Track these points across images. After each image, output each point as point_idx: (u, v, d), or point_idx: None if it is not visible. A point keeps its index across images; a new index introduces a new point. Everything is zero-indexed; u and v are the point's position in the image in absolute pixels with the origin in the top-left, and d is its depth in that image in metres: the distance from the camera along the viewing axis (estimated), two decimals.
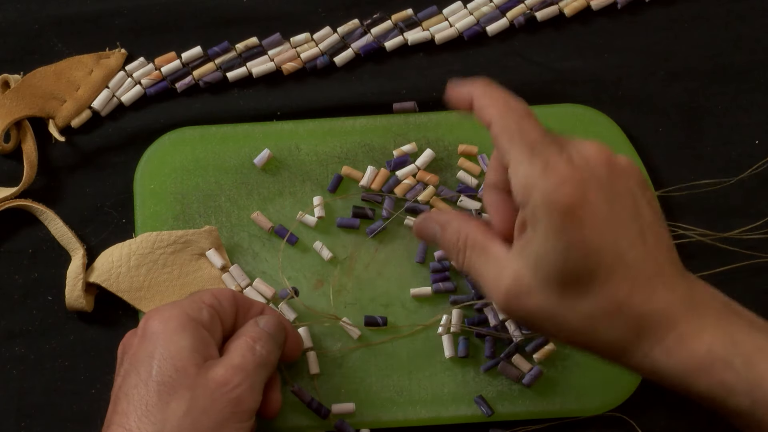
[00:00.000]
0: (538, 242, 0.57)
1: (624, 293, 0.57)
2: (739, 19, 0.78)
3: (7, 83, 0.75)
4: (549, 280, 0.58)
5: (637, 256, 0.58)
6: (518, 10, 0.78)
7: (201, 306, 0.65)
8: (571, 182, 0.57)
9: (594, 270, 0.57)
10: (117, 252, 0.72)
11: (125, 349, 0.65)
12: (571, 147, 0.59)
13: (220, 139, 0.75)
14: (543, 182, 0.57)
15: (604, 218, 0.57)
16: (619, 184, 0.59)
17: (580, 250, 0.57)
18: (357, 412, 0.71)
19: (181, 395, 0.61)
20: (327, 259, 0.72)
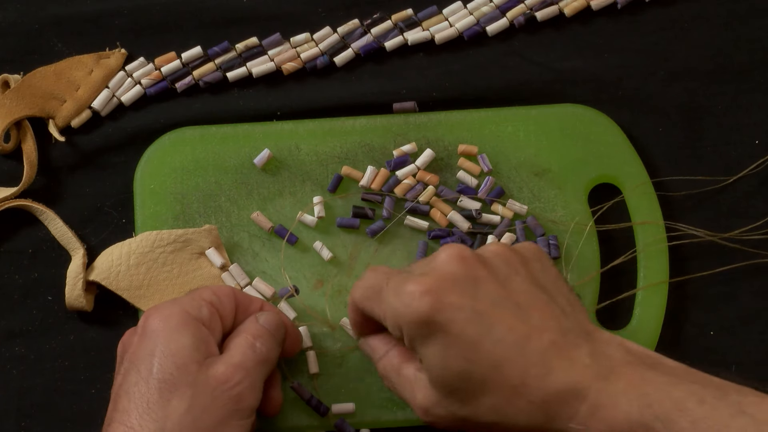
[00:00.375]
0: (424, 360, 0.60)
1: (517, 379, 0.58)
2: (739, 19, 0.78)
3: (7, 83, 0.75)
4: (445, 389, 0.60)
5: (519, 338, 0.58)
6: (518, 10, 0.78)
7: (201, 303, 0.65)
8: (420, 294, 0.59)
9: (478, 366, 0.58)
10: (117, 251, 0.72)
11: (125, 347, 0.65)
12: (422, 264, 0.61)
13: (220, 139, 0.75)
14: (399, 306, 0.59)
15: (470, 313, 0.58)
16: (480, 273, 0.60)
17: (457, 352, 0.58)
18: (357, 412, 0.71)
19: (182, 393, 0.61)
20: (327, 259, 0.72)
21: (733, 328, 0.73)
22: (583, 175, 0.74)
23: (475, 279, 0.60)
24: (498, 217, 0.73)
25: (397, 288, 0.60)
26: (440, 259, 0.61)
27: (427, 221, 0.73)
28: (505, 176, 0.74)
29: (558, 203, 0.74)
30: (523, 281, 0.61)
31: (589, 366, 0.58)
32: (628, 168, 0.74)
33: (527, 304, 0.60)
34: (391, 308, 0.61)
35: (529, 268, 0.62)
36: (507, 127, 0.75)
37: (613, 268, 0.73)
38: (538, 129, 0.75)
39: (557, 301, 0.61)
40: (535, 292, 0.60)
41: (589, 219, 0.73)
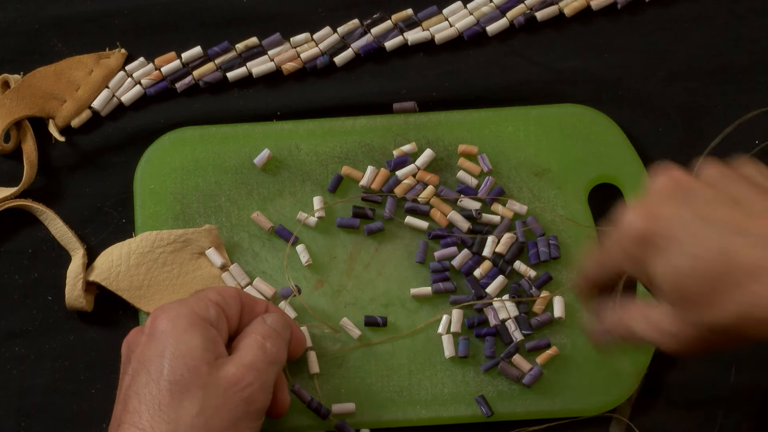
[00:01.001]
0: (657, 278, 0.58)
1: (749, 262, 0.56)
2: (739, 19, 0.78)
3: (7, 83, 0.75)
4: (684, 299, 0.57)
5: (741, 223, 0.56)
6: (518, 10, 0.78)
7: (208, 304, 0.64)
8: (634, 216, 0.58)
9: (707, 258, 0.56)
10: (117, 251, 0.72)
11: (131, 347, 0.64)
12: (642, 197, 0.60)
13: (220, 139, 0.75)
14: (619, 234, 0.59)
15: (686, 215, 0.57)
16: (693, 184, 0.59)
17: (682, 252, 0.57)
18: (357, 412, 0.71)
19: (194, 394, 0.61)
20: (305, 263, 0.72)
21: None
22: (583, 175, 0.74)
23: (689, 189, 0.59)
24: (498, 217, 0.73)
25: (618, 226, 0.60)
26: (653, 185, 0.60)
27: (427, 221, 0.73)
28: (505, 176, 0.74)
29: (558, 203, 0.74)
30: (736, 181, 0.59)
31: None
32: (628, 168, 0.74)
33: (743, 197, 0.58)
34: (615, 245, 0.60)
35: (751, 178, 0.60)
36: (507, 127, 0.75)
37: None
38: (538, 129, 0.75)
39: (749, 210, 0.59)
40: (750, 188, 0.59)
41: (589, 219, 0.73)
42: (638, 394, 0.72)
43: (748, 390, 0.72)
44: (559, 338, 0.72)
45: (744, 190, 0.59)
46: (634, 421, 0.72)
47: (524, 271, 0.73)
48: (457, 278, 0.73)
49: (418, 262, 0.73)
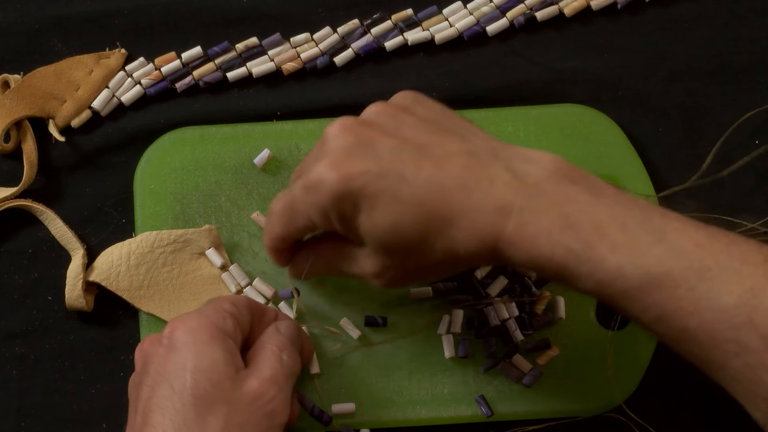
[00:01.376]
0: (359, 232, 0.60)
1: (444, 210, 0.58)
2: (739, 19, 0.78)
3: (7, 83, 0.75)
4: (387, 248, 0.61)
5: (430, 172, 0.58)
6: (518, 10, 0.78)
7: (225, 315, 0.63)
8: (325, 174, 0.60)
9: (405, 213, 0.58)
10: (117, 251, 0.72)
11: (148, 357, 0.63)
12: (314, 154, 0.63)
13: (220, 139, 0.75)
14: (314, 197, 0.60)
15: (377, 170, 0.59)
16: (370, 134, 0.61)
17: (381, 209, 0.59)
18: (357, 412, 0.71)
19: (218, 410, 0.60)
20: None
21: None
22: None
23: (367, 141, 0.60)
24: None
25: (304, 186, 0.61)
26: (329, 137, 0.62)
27: None
28: None
29: None
30: (412, 125, 0.61)
31: (510, 183, 0.58)
32: (628, 168, 0.74)
33: (424, 143, 0.60)
34: (309, 204, 0.61)
35: (413, 112, 0.62)
36: (507, 127, 0.75)
37: None
38: (538, 129, 0.75)
39: (454, 130, 0.61)
40: (428, 130, 0.61)
41: None
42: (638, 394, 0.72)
43: None
44: (559, 338, 0.72)
45: (420, 132, 0.61)
46: (635, 421, 0.72)
47: (524, 271, 0.72)
48: (457, 278, 0.73)
49: None
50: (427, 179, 0.58)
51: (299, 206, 0.63)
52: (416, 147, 0.60)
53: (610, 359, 0.71)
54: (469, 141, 0.61)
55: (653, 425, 0.72)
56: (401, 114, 0.62)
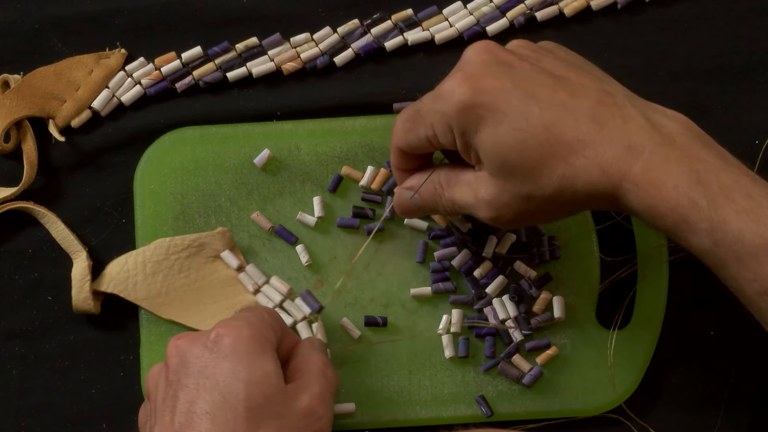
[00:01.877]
0: (480, 148, 0.60)
1: (570, 136, 0.58)
2: (739, 19, 0.78)
3: (7, 83, 0.75)
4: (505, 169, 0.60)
5: (565, 99, 0.59)
6: (518, 10, 0.78)
7: (269, 327, 0.62)
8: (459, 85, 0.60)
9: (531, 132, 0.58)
10: (132, 260, 0.72)
11: (188, 358, 0.61)
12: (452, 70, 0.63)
13: (220, 139, 0.75)
14: (442, 105, 0.60)
15: (511, 87, 0.59)
16: (510, 58, 0.61)
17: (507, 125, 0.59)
18: (357, 412, 0.71)
19: (270, 424, 0.58)
20: (305, 264, 0.72)
21: (733, 328, 0.73)
22: None
23: (507, 63, 0.61)
24: None
25: (435, 95, 0.62)
26: (468, 55, 0.62)
27: (427, 221, 0.73)
28: None
29: None
30: (553, 59, 0.61)
31: (644, 127, 0.58)
32: None
33: (563, 75, 0.60)
34: (435, 113, 0.61)
35: (555, 53, 0.63)
36: None
37: (613, 267, 0.73)
38: None
39: (593, 73, 0.61)
40: (568, 66, 0.61)
41: (588, 219, 0.73)
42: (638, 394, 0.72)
43: (748, 390, 0.73)
44: (559, 338, 0.72)
45: (558, 66, 0.61)
46: (634, 421, 0.72)
47: (524, 271, 0.73)
48: (457, 278, 0.73)
49: (418, 262, 0.73)
50: (559, 104, 0.59)
51: (424, 113, 0.62)
52: (553, 76, 0.60)
53: (610, 359, 0.71)
54: (606, 83, 0.61)
55: (653, 425, 0.72)
56: (543, 50, 0.63)
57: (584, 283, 0.73)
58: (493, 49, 0.62)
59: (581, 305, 0.72)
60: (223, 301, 0.71)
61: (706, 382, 0.73)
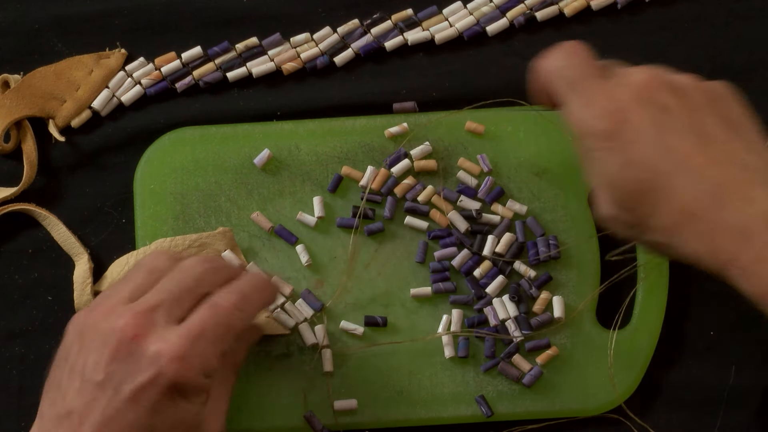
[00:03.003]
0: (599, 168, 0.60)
1: (688, 204, 0.57)
2: (739, 19, 0.78)
3: (7, 83, 0.75)
4: (619, 202, 0.59)
5: (697, 165, 0.57)
6: (518, 10, 0.78)
7: None
8: (607, 110, 0.59)
9: (652, 184, 0.58)
10: (133, 260, 0.72)
11: None
12: (617, 77, 0.61)
13: (220, 139, 0.75)
14: (584, 117, 0.60)
15: (652, 134, 0.58)
16: (670, 100, 0.60)
17: (632, 169, 0.58)
18: (357, 412, 0.71)
19: None
20: (305, 264, 0.72)
21: (733, 328, 0.73)
22: (583, 175, 0.74)
23: (663, 105, 0.60)
24: (498, 217, 0.73)
25: (588, 96, 0.61)
26: (635, 79, 0.61)
27: (427, 221, 0.73)
28: (505, 176, 0.74)
29: (558, 203, 0.74)
30: (710, 114, 0.60)
31: (765, 213, 0.56)
32: None
33: (711, 136, 0.59)
34: (575, 115, 0.61)
35: (719, 103, 0.61)
36: (507, 127, 0.75)
37: (613, 267, 0.73)
38: (538, 129, 0.75)
39: (744, 138, 0.60)
40: (721, 127, 0.59)
41: (589, 219, 0.73)
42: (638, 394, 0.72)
43: (748, 390, 0.73)
44: (559, 338, 0.72)
45: (713, 122, 0.60)
46: (634, 421, 0.72)
47: (524, 271, 0.73)
48: (457, 278, 0.73)
49: (418, 262, 0.73)
50: (689, 168, 0.57)
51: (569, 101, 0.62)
52: (701, 134, 0.59)
53: (610, 359, 0.71)
54: (751, 155, 0.58)
55: (653, 425, 0.72)
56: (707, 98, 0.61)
57: (584, 283, 0.73)
58: (658, 84, 0.60)
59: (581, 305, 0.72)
60: None
61: (706, 382, 0.73)
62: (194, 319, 0.60)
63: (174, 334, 0.59)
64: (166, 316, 0.60)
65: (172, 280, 0.62)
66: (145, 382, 0.58)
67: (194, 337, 0.59)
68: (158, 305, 0.60)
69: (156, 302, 0.61)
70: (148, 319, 0.60)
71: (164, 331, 0.59)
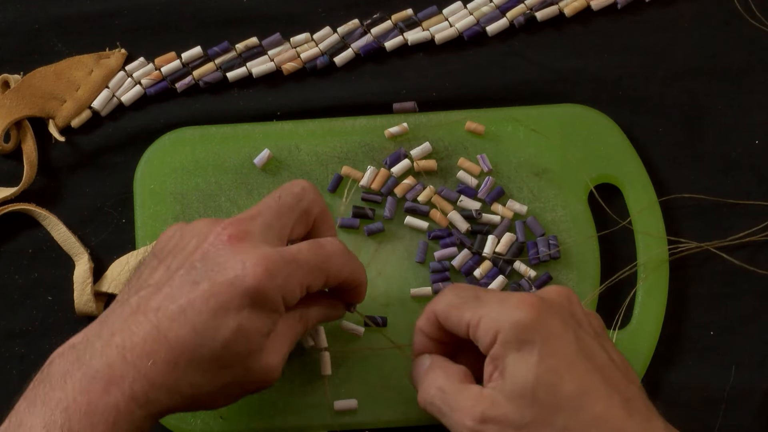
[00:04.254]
0: (510, 368, 0.59)
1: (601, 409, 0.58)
2: (739, 19, 0.78)
3: (7, 83, 0.75)
4: (525, 400, 0.59)
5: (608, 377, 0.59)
6: (518, 10, 0.78)
7: None
8: (530, 304, 0.60)
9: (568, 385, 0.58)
10: (133, 260, 0.72)
11: None
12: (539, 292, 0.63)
13: (220, 139, 0.75)
14: (504, 310, 0.60)
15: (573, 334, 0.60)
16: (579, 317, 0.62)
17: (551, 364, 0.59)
18: (357, 412, 0.71)
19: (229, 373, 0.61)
20: None
21: (733, 328, 0.73)
22: (583, 175, 0.74)
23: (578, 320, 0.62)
24: (498, 217, 0.73)
25: (502, 297, 0.61)
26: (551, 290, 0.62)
27: (427, 221, 0.73)
28: (505, 176, 0.74)
29: (558, 203, 0.74)
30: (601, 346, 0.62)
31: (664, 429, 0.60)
32: (627, 168, 0.74)
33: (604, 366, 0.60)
34: (492, 311, 0.61)
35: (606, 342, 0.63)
36: (507, 127, 0.75)
37: (613, 267, 0.73)
38: (538, 129, 0.75)
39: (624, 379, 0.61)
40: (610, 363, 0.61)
41: (589, 219, 0.73)
42: None
43: (748, 390, 0.72)
44: None
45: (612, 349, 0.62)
46: None
47: (524, 271, 0.73)
48: (457, 278, 0.73)
49: (418, 262, 0.73)
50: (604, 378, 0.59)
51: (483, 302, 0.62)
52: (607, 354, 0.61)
53: None
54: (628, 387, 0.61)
55: None
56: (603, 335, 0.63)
57: (584, 283, 0.73)
58: (574, 301, 0.63)
59: None
60: None
61: (706, 382, 0.73)
62: (293, 247, 0.61)
63: (267, 248, 0.60)
64: (265, 228, 0.61)
65: (272, 196, 0.64)
66: (225, 281, 0.59)
67: (286, 259, 0.60)
68: (258, 215, 0.62)
69: (257, 212, 0.62)
70: (245, 226, 0.61)
71: (259, 243, 0.61)
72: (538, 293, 0.62)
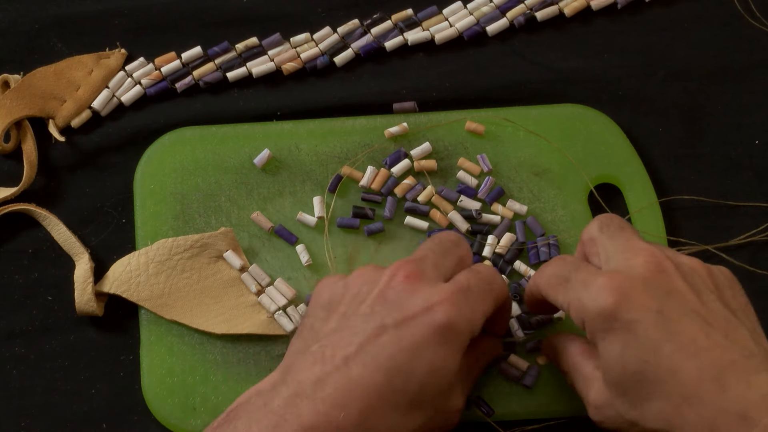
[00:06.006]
0: (602, 355, 0.59)
1: (690, 389, 0.56)
2: (739, 19, 0.78)
3: (7, 83, 0.75)
4: (618, 388, 0.59)
5: (700, 350, 0.57)
6: (518, 10, 0.78)
7: None
8: (609, 289, 0.58)
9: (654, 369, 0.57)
10: (134, 261, 0.72)
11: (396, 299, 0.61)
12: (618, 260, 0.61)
13: (220, 139, 0.75)
14: (585, 298, 0.59)
15: (656, 316, 0.58)
16: (675, 283, 0.59)
17: (635, 352, 0.57)
18: None
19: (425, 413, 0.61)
20: (305, 264, 0.72)
21: None
22: (583, 175, 0.74)
23: (668, 287, 0.59)
24: (498, 217, 0.73)
25: (586, 279, 0.60)
26: (637, 262, 0.60)
27: (427, 221, 0.73)
28: (505, 176, 0.74)
29: (558, 203, 0.74)
30: (714, 300, 0.60)
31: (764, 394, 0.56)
32: (627, 168, 0.74)
33: (715, 321, 0.58)
34: (576, 299, 0.60)
35: (722, 290, 0.61)
36: (507, 127, 0.75)
37: None
38: (538, 129, 0.75)
39: (746, 325, 0.59)
40: (724, 313, 0.59)
41: (589, 219, 0.73)
42: None
43: None
44: None
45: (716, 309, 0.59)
46: None
47: (524, 271, 0.73)
48: None
49: None
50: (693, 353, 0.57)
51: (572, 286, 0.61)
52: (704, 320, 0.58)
53: None
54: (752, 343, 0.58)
55: None
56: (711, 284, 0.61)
57: None
58: (663, 267, 0.60)
59: None
60: (226, 301, 0.71)
61: None
62: (460, 277, 0.62)
63: (444, 284, 0.61)
64: (434, 268, 0.62)
65: (432, 240, 0.64)
66: (414, 320, 0.58)
67: (464, 290, 0.61)
68: (425, 257, 0.62)
69: (423, 254, 0.63)
70: (418, 266, 0.61)
71: (434, 281, 0.61)
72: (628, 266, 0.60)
